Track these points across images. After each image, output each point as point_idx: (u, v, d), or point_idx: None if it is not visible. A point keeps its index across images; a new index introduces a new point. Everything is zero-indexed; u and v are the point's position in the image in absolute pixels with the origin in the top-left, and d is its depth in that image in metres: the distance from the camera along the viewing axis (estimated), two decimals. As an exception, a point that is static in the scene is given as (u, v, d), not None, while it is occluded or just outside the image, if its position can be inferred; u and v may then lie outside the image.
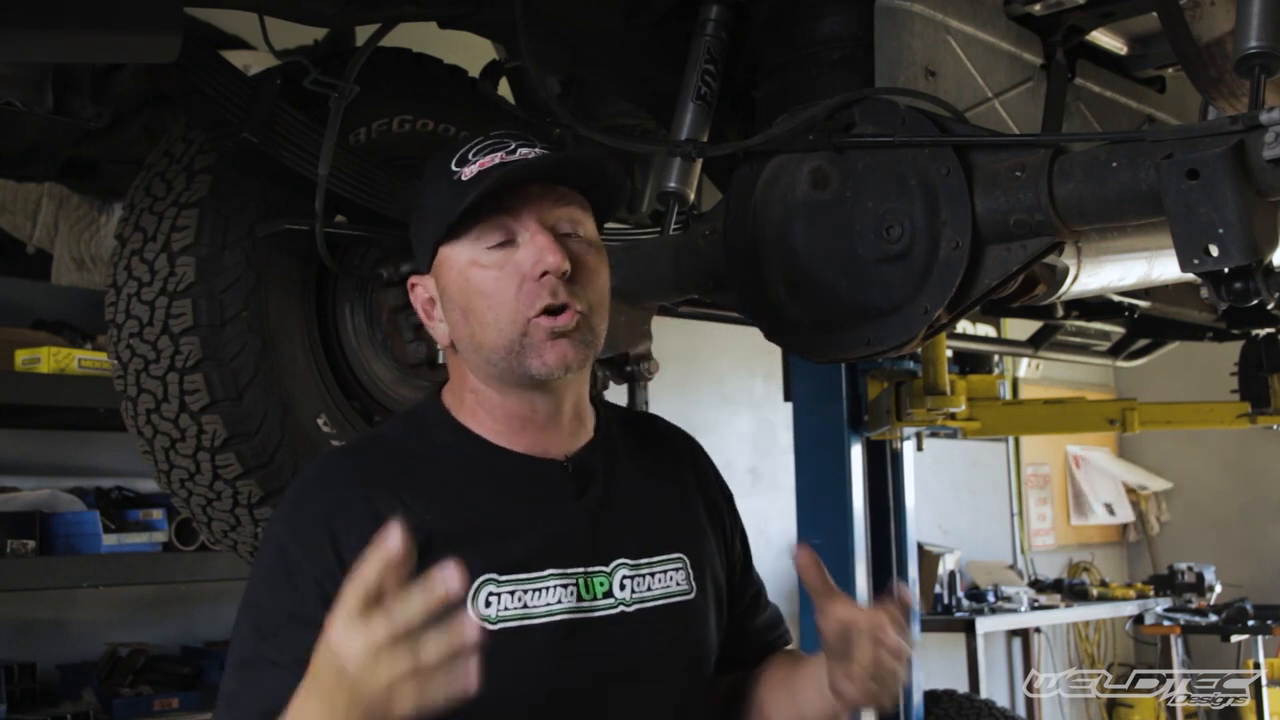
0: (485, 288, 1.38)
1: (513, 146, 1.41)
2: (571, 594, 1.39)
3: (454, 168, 1.41)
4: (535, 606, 1.36)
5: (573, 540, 1.42)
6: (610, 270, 1.47)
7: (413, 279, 1.49)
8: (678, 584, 1.48)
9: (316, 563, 1.32)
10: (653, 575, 1.46)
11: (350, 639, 1.07)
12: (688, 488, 1.58)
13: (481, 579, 1.34)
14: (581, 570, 1.40)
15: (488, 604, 1.34)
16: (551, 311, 1.37)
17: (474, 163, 1.40)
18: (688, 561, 1.50)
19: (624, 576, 1.43)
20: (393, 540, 1.08)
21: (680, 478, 1.58)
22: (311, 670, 1.14)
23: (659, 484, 1.55)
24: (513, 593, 1.36)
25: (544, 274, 1.37)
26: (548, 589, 1.37)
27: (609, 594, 1.41)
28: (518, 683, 1.33)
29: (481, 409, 1.45)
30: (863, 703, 1.41)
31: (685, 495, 1.57)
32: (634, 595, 1.43)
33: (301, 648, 1.21)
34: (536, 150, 1.42)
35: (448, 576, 1.06)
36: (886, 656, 1.36)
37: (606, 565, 1.43)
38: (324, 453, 1.58)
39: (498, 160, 1.39)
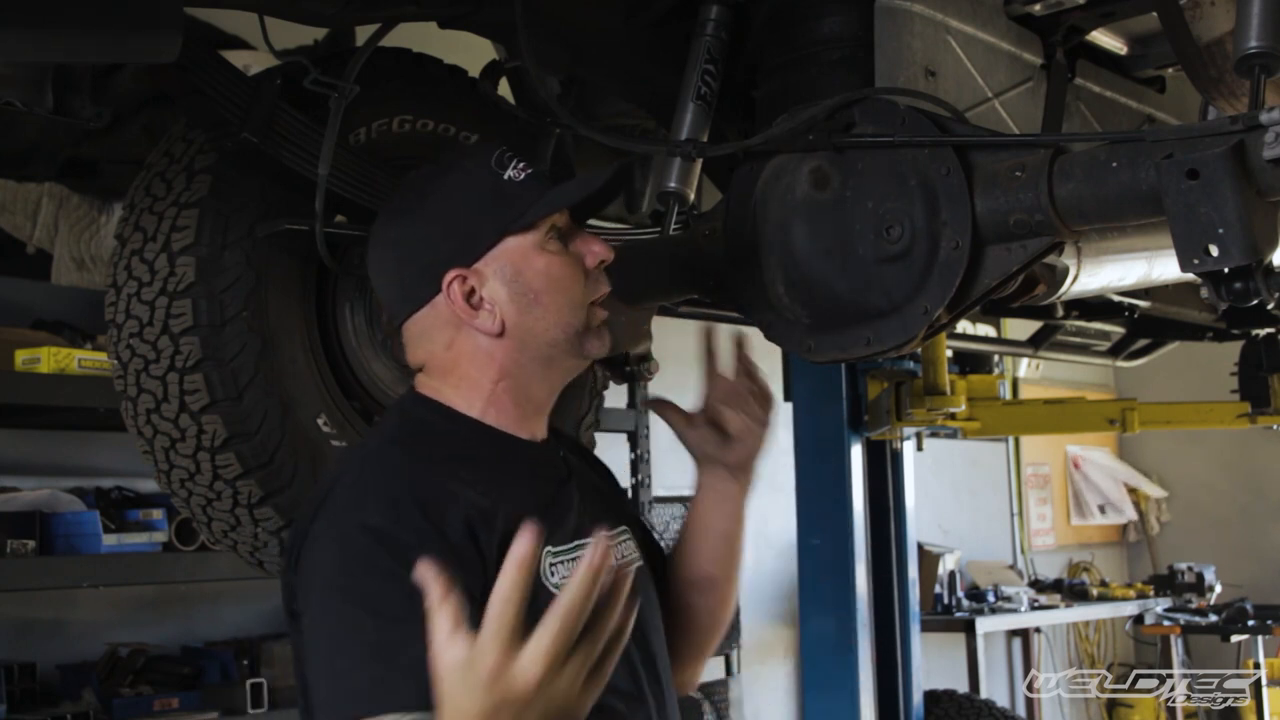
0: (562, 273, 1.53)
1: (529, 158, 1.56)
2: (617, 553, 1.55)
3: (496, 168, 1.53)
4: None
5: (576, 515, 1.54)
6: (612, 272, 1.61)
7: (456, 271, 1.51)
8: (634, 552, 1.65)
9: (419, 534, 1.35)
10: (621, 544, 1.62)
11: (516, 665, 1.06)
12: (605, 477, 1.77)
13: (544, 550, 1.45)
14: (586, 542, 1.47)
15: (552, 572, 1.45)
16: (600, 301, 1.55)
17: (513, 167, 1.53)
18: (631, 534, 1.67)
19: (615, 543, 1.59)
20: (524, 547, 1.08)
21: (596, 469, 1.76)
22: (455, 708, 1.09)
23: (590, 473, 1.71)
24: (565, 561, 1.47)
25: (600, 263, 1.55)
26: (581, 558, 1.40)
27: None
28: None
29: (507, 396, 1.54)
30: (755, 450, 1.69)
31: (607, 482, 1.76)
32: (621, 560, 1.58)
33: (421, 628, 1.21)
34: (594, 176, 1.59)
35: (596, 548, 1.09)
36: (753, 406, 1.67)
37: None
38: (367, 447, 1.53)
39: (532, 169, 1.54)
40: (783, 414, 4.66)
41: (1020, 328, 4.97)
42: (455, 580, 1.13)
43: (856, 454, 4.31)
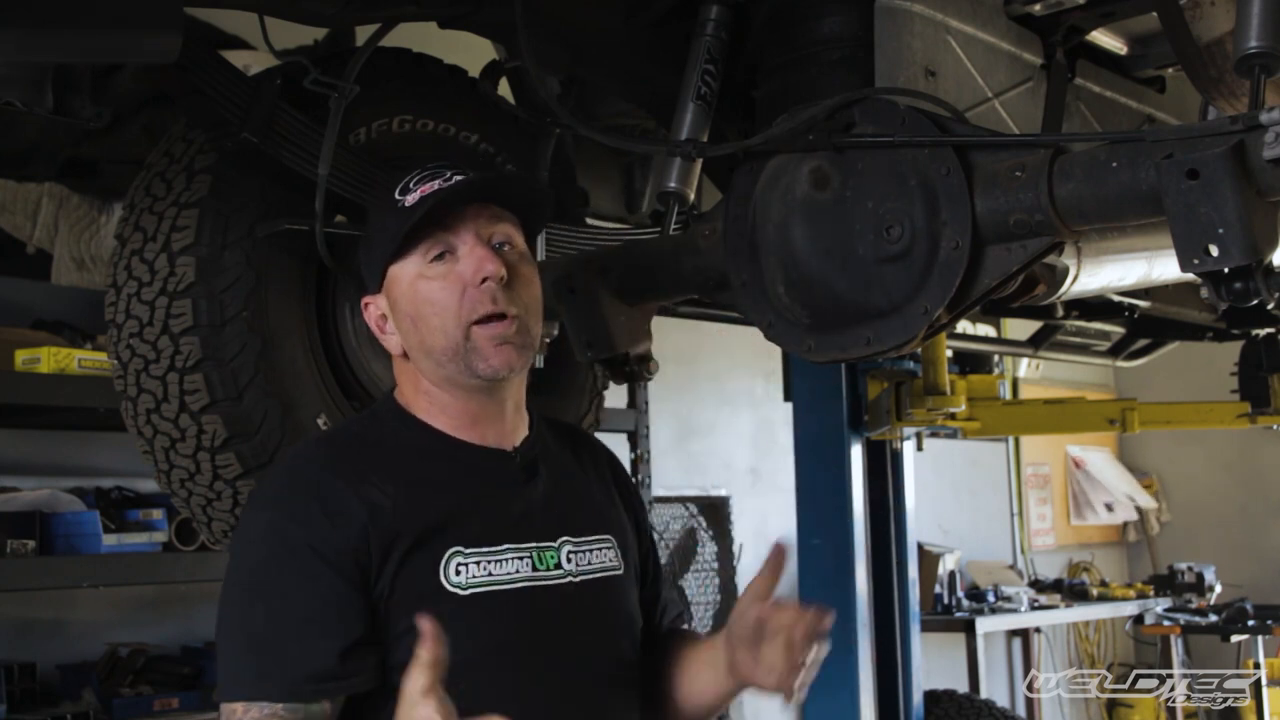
0: (432, 296, 1.55)
1: (448, 175, 1.57)
2: (528, 565, 1.56)
3: (397, 197, 1.58)
4: (499, 575, 1.53)
5: (525, 519, 1.59)
6: (540, 282, 1.64)
7: (365, 299, 1.63)
8: (610, 560, 1.66)
9: (314, 535, 1.46)
10: (591, 551, 1.64)
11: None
12: (606, 483, 1.77)
13: (450, 550, 1.51)
14: (534, 545, 1.58)
15: (457, 572, 1.51)
16: (490, 318, 1.54)
17: (415, 190, 1.56)
18: (615, 542, 1.68)
19: (569, 551, 1.61)
20: (427, 651, 1.27)
21: (599, 474, 1.77)
22: None
23: (584, 477, 1.74)
24: (478, 563, 1.52)
25: (484, 280, 1.53)
26: (506, 560, 1.55)
27: (558, 565, 1.59)
28: (489, 642, 1.50)
29: (435, 407, 1.60)
30: (770, 690, 1.56)
31: (605, 488, 1.76)
32: (580, 568, 1.61)
33: (318, 611, 1.43)
34: (468, 176, 1.59)
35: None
36: (797, 662, 1.52)
37: (554, 541, 1.60)
38: (299, 446, 1.71)
39: (436, 186, 1.55)
40: (783, 414, 4.67)
41: (1020, 328, 4.97)
42: (337, 580, 1.43)
43: (856, 454, 4.30)
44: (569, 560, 1.60)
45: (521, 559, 1.56)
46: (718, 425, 5.79)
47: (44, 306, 3.37)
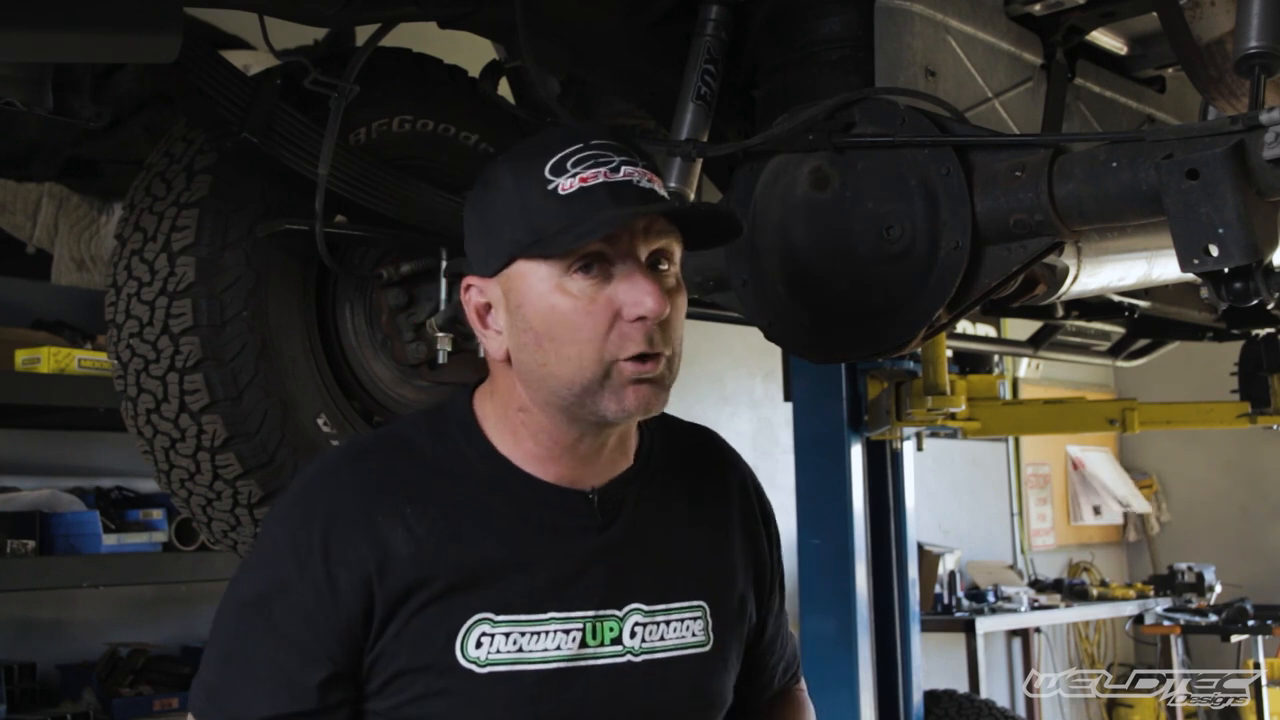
0: (574, 319, 1.26)
1: (615, 162, 1.28)
2: (575, 639, 1.31)
3: (548, 175, 1.27)
4: (532, 651, 1.29)
5: (584, 580, 1.32)
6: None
7: (470, 279, 1.35)
8: (694, 634, 1.38)
9: (307, 579, 1.29)
10: (668, 624, 1.36)
11: None
12: (729, 521, 1.47)
13: (475, 618, 1.28)
14: (591, 614, 1.32)
15: (478, 645, 1.28)
16: (641, 358, 1.27)
17: (573, 174, 1.27)
18: (708, 610, 1.40)
19: (636, 623, 1.34)
20: None
21: (721, 509, 1.47)
22: None
23: (694, 516, 1.44)
24: (508, 635, 1.28)
25: (640, 318, 1.26)
26: (548, 633, 1.30)
27: (618, 640, 1.33)
28: None
29: (525, 429, 1.34)
30: None
31: (722, 530, 1.46)
32: (644, 644, 1.34)
33: (272, 664, 1.27)
34: (639, 168, 1.29)
35: None
36: None
37: (620, 609, 1.34)
38: (337, 453, 1.44)
39: (601, 178, 1.26)
40: (783, 414, 4.66)
41: (1020, 328, 4.97)
42: (313, 624, 1.24)
43: (856, 454, 4.30)
44: (633, 634, 1.33)
45: (568, 631, 1.30)
46: (718, 425, 5.73)
47: (44, 306, 3.37)
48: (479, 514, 1.32)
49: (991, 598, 6.82)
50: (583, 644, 1.31)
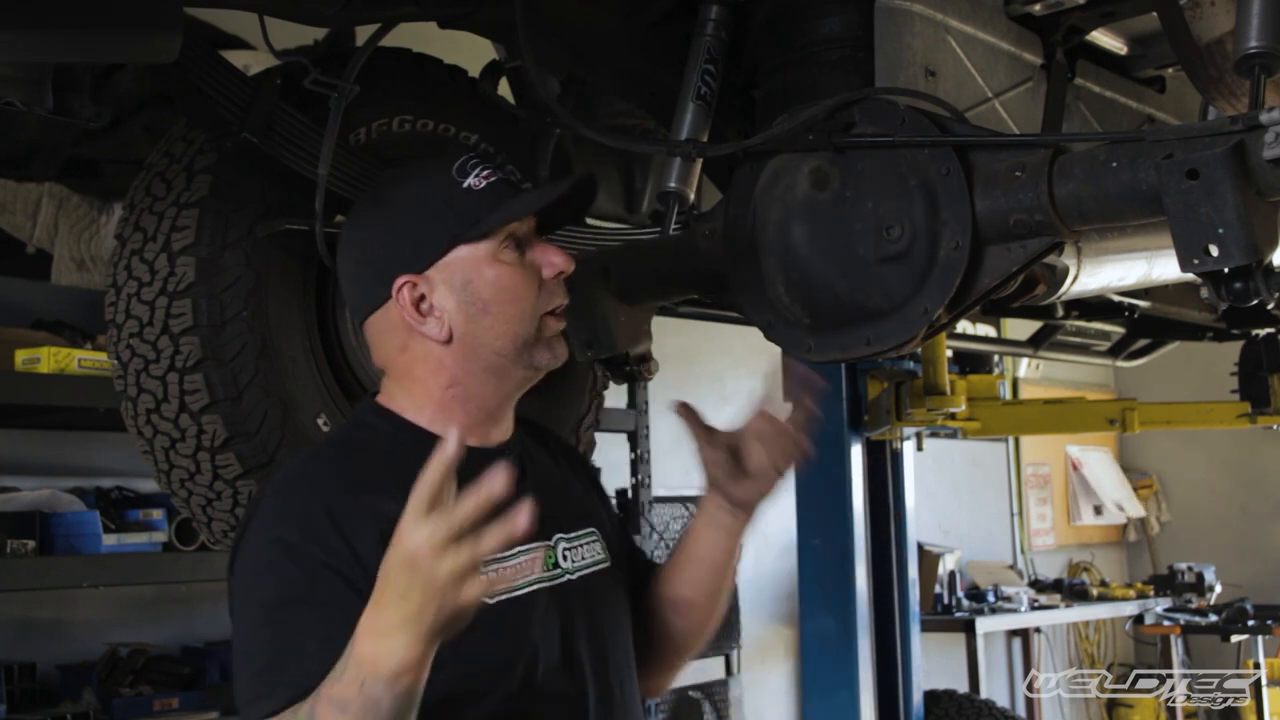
0: (514, 283, 1.53)
1: (497, 164, 1.58)
2: (538, 566, 1.55)
3: (456, 176, 1.54)
4: (517, 579, 1.51)
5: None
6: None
7: (404, 278, 1.52)
8: (599, 554, 1.65)
9: (326, 549, 1.39)
10: (583, 547, 1.63)
11: (418, 534, 1.19)
12: (578, 475, 1.76)
13: None
14: (535, 545, 1.54)
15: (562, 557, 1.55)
16: (556, 312, 1.55)
17: (474, 174, 1.54)
18: (599, 534, 1.67)
19: (564, 549, 1.60)
20: (451, 446, 1.20)
21: (571, 467, 1.76)
22: (382, 580, 1.24)
23: (560, 471, 1.71)
24: (496, 570, 1.43)
25: (558, 274, 1.55)
26: (520, 565, 1.52)
27: (557, 565, 1.58)
28: (514, 648, 1.47)
29: (456, 402, 1.54)
30: (763, 494, 1.69)
31: (579, 481, 1.75)
32: (575, 565, 1.60)
33: (320, 626, 1.34)
34: (512, 169, 1.64)
35: (494, 480, 1.19)
36: (781, 452, 1.65)
37: (550, 540, 1.58)
38: (290, 463, 1.62)
39: (498, 176, 1.55)
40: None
41: (1020, 328, 4.96)
42: (357, 599, 1.28)
43: (856, 454, 4.31)
44: (565, 558, 1.59)
45: (530, 561, 1.54)
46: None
47: (44, 306, 3.37)
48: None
49: (991, 598, 6.83)
50: (542, 569, 1.55)
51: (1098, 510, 8.47)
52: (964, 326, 4.48)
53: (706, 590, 1.75)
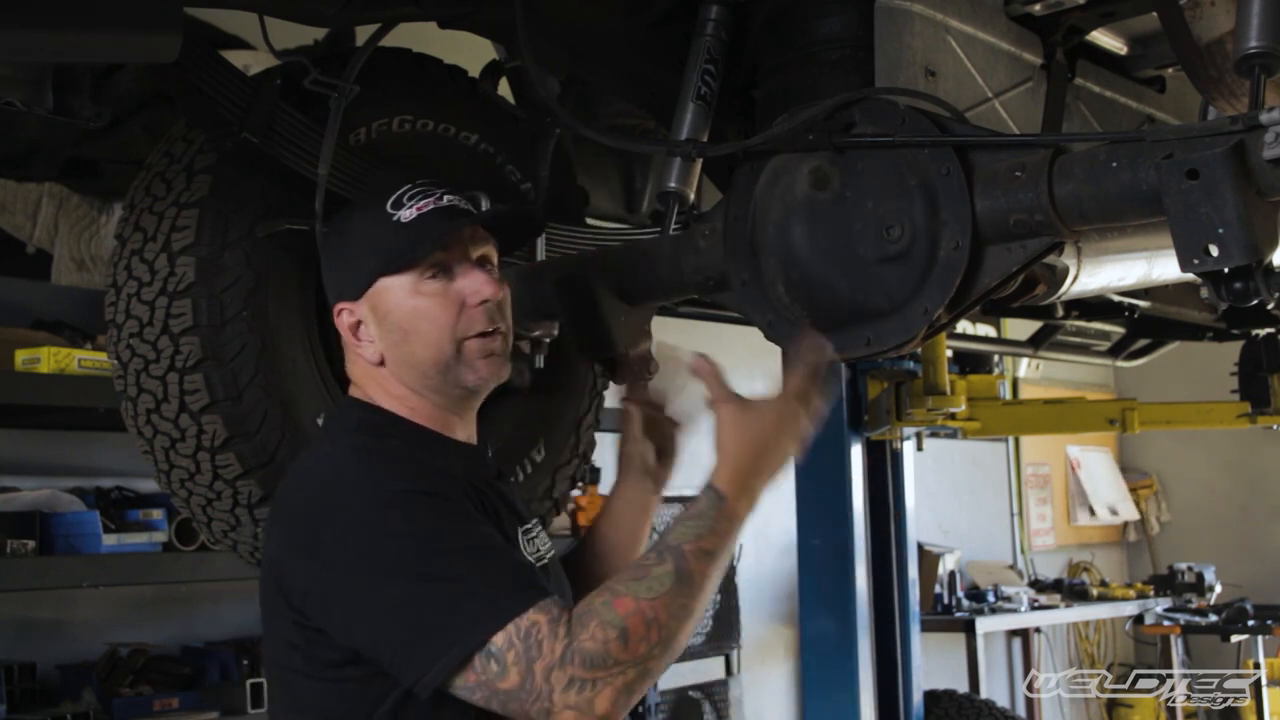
0: (431, 312, 1.60)
1: (439, 194, 1.64)
2: (534, 547, 1.67)
3: (390, 210, 1.62)
4: (535, 552, 1.67)
5: (514, 506, 1.69)
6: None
7: (341, 305, 1.65)
8: (547, 542, 1.76)
9: (457, 488, 1.52)
10: (537, 537, 1.72)
11: (811, 406, 1.62)
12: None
13: (519, 530, 1.65)
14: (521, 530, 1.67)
15: (529, 545, 1.66)
16: (485, 334, 1.62)
17: (410, 206, 1.61)
18: (541, 525, 1.78)
19: (533, 537, 1.70)
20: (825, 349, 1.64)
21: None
22: (741, 449, 1.59)
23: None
24: (526, 539, 1.66)
25: (482, 302, 1.61)
26: (531, 540, 1.68)
27: (536, 549, 1.69)
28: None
29: (411, 413, 1.64)
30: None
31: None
32: (544, 550, 1.71)
33: (487, 563, 1.44)
34: (459, 197, 1.66)
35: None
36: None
37: (527, 525, 1.70)
38: (333, 453, 1.60)
39: (431, 205, 1.62)
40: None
41: (1020, 328, 4.97)
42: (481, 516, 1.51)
43: (856, 454, 4.31)
44: (538, 543, 1.71)
45: (531, 540, 1.68)
46: (718, 425, 5.76)
47: (44, 306, 3.37)
48: (452, 468, 1.59)
49: (991, 598, 6.83)
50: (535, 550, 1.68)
51: (1092, 511, 8.48)
52: (964, 326, 4.48)
53: (629, 543, 1.90)
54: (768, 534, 5.53)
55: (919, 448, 4.68)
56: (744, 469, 1.57)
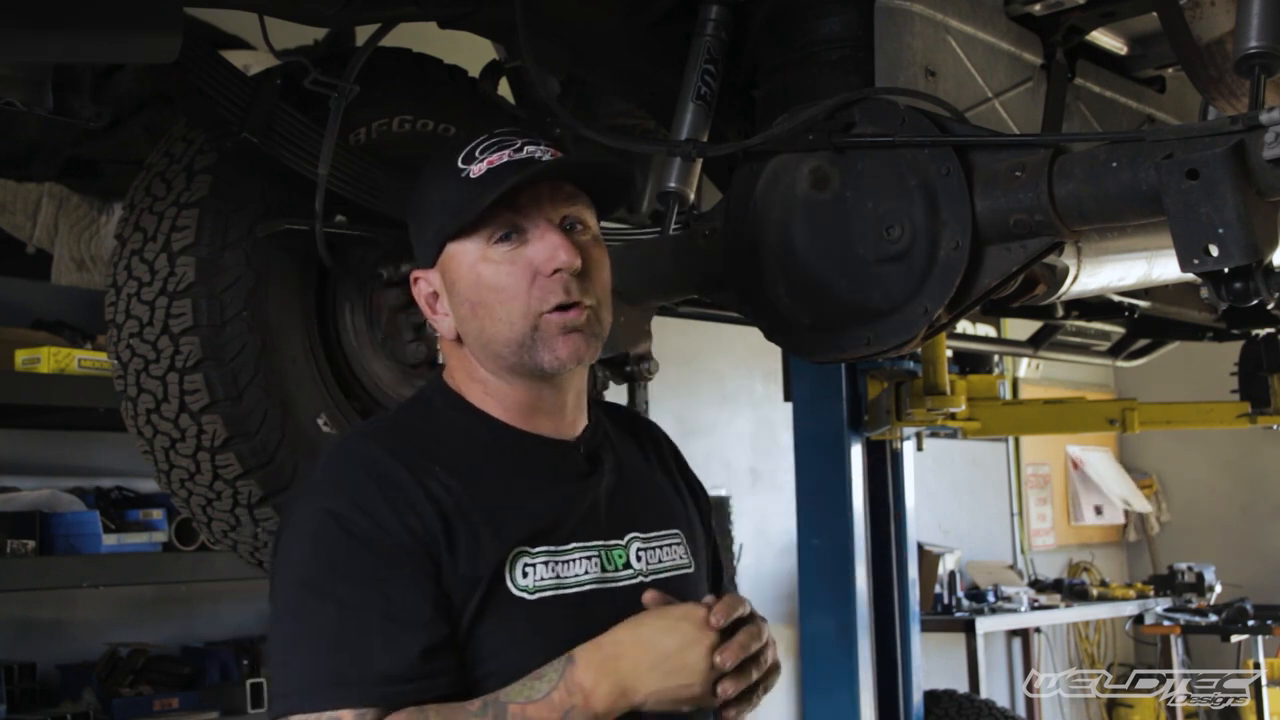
0: (497, 282, 1.42)
1: (519, 144, 1.44)
2: (596, 564, 1.46)
3: (461, 165, 1.44)
4: (566, 577, 1.43)
5: (592, 515, 1.48)
6: (610, 266, 1.51)
7: (416, 273, 1.51)
8: (681, 557, 1.56)
9: (386, 524, 1.35)
10: (661, 549, 1.54)
11: (706, 636, 1.36)
12: (670, 474, 1.67)
13: (514, 551, 1.40)
14: (601, 543, 1.47)
15: (524, 575, 1.40)
16: (563, 307, 1.42)
17: (481, 160, 1.43)
18: (684, 537, 1.59)
19: (638, 549, 1.51)
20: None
21: (663, 465, 1.67)
22: (637, 631, 1.37)
23: (648, 468, 1.63)
24: (546, 563, 1.41)
25: (556, 270, 1.41)
26: (575, 560, 1.44)
27: (628, 565, 1.49)
28: (559, 648, 1.38)
29: (491, 398, 1.49)
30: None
31: (670, 480, 1.66)
32: (649, 566, 1.51)
33: (395, 607, 1.31)
34: (542, 147, 1.45)
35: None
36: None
37: (621, 539, 1.50)
38: (347, 438, 1.56)
39: (506, 158, 1.42)
40: (783, 414, 4.67)
41: (1020, 328, 4.97)
42: (414, 573, 1.32)
43: (856, 454, 4.30)
44: (638, 559, 1.50)
45: (589, 559, 1.45)
46: (718, 425, 5.78)
47: (44, 306, 3.37)
48: (487, 465, 1.45)
49: (991, 598, 6.83)
50: (602, 569, 1.46)
51: (1098, 510, 8.47)
52: (964, 326, 4.48)
53: None
54: (768, 534, 5.53)
55: (919, 448, 4.67)
56: (612, 651, 1.35)
